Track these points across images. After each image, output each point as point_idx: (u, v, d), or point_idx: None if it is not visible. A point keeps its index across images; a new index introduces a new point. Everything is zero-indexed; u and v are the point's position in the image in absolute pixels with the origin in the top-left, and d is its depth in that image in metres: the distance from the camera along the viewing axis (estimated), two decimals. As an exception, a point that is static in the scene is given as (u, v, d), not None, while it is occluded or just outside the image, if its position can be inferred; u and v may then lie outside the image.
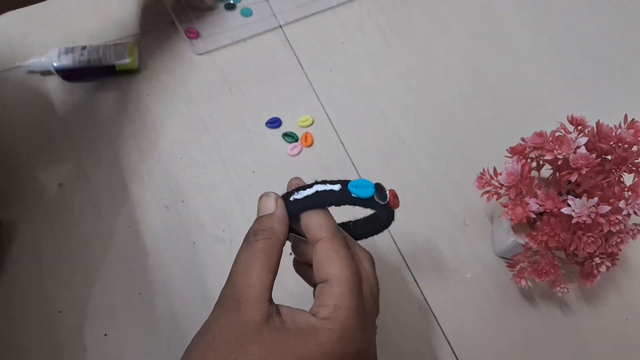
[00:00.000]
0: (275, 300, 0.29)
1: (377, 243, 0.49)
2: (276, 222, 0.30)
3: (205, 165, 0.52)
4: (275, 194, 0.31)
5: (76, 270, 0.46)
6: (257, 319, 0.27)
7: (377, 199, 0.31)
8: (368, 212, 0.33)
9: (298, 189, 0.31)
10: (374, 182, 0.31)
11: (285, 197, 0.32)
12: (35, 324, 0.43)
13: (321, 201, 0.31)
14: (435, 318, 0.46)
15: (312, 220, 0.31)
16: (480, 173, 0.45)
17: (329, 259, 0.29)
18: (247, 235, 0.30)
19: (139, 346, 0.43)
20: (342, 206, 0.31)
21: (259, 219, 0.31)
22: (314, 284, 0.34)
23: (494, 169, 0.44)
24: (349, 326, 0.27)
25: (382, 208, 0.31)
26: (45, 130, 0.52)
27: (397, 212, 0.32)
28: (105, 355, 0.43)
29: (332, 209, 0.32)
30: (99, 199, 0.49)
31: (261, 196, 0.32)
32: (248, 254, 0.29)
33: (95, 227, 0.48)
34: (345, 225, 0.35)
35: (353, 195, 0.30)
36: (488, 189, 0.44)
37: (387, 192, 0.31)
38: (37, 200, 0.49)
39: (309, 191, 0.31)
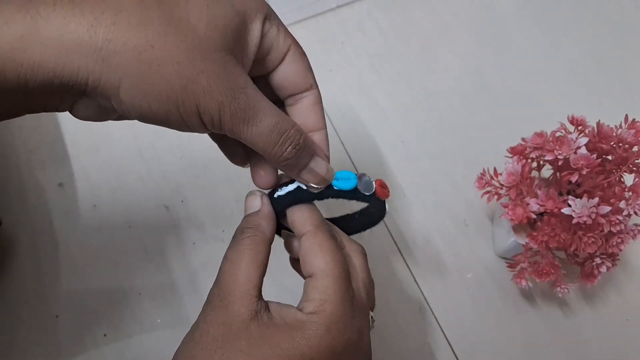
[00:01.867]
0: (274, 298, 0.29)
1: (376, 243, 0.49)
2: (262, 219, 0.30)
3: (205, 165, 0.52)
4: (261, 191, 0.31)
5: (76, 269, 0.46)
6: (245, 315, 0.27)
7: (361, 190, 0.30)
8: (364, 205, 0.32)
9: (281, 185, 0.31)
10: (359, 173, 0.30)
11: (271, 194, 0.31)
12: (34, 322, 0.43)
13: (303, 196, 0.30)
14: (435, 318, 0.46)
15: (295, 216, 0.30)
16: (481, 173, 0.45)
17: (313, 253, 0.29)
18: (234, 234, 0.30)
19: (139, 346, 0.43)
20: (343, 200, 0.30)
21: (245, 217, 0.31)
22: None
23: (494, 169, 0.44)
24: (336, 318, 0.27)
25: (369, 199, 0.30)
26: (45, 130, 0.52)
27: (397, 212, 0.32)
28: (105, 355, 0.43)
29: (334, 205, 0.31)
30: (99, 199, 0.49)
31: (247, 195, 0.32)
32: (234, 251, 0.29)
33: (95, 227, 0.48)
34: (338, 220, 0.35)
35: (335, 187, 0.30)
36: (488, 189, 0.44)
37: (374, 182, 0.31)
38: (37, 200, 0.49)
39: (290, 187, 0.30)
